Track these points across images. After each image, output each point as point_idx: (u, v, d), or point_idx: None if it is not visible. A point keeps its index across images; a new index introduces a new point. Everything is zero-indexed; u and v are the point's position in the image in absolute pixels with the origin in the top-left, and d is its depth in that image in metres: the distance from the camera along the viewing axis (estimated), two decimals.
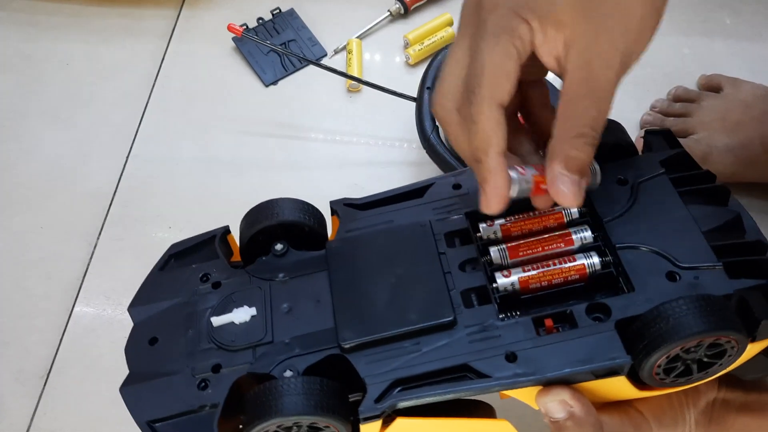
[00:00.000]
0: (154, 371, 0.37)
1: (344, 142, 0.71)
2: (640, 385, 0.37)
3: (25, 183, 0.70)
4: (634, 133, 0.72)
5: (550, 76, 0.41)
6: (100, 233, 0.66)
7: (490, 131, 0.35)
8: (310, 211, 0.42)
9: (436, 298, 0.37)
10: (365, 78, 0.71)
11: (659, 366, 0.34)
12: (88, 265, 0.64)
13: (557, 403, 0.35)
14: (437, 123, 0.40)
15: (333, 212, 0.43)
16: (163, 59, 0.78)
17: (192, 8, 0.82)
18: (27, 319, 0.62)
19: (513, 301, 0.38)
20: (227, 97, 0.75)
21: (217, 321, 0.38)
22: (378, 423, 0.35)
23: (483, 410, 0.39)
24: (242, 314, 0.38)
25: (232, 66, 0.77)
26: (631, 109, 0.74)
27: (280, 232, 0.41)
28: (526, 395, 0.36)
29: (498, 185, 0.35)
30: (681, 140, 0.67)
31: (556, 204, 0.37)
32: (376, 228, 0.41)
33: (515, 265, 0.38)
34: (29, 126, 0.74)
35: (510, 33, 0.34)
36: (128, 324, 0.60)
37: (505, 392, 0.37)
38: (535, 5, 0.34)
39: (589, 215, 0.40)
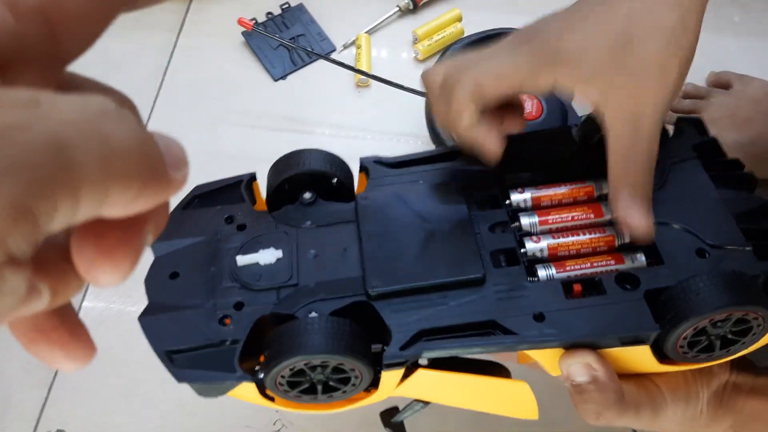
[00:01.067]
0: (175, 304, 0.37)
1: (353, 137, 0.71)
2: (661, 359, 0.37)
3: None
4: None
5: None
6: None
7: (462, 111, 0.38)
8: (338, 163, 0.42)
9: (466, 255, 0.37)
10: (373, 73, 0.71)
11: (685, 338, 0.35)
12: None
13: (581, 366, 0.36)
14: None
15: (362, 169, 0.43)
16: (172, 53, 0.78)
17: (201, 2, 0.82)
18: None
19: (541, 265, 0.38)
20: (236, 91, 0.75)
21: (242, 260, 0.38)
22: (400, 372, 0.35)
23: (501, 372, 0.39)
24: (268, 255, 0.38)
25: (241, 60, 0.77)
26: None
27: (307, 181, 0.41)
28: (548, 359, 0.37)
29: (485, 137, 0.39)
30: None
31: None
32: (406, 185, 0.41)
33: (544, 233, 0.39)
34: None
35: (541, 63, 0.37)
36: (137, 316, 0.61)
37: (525, 354, 0.37)
38: (568, 50, 0.36)
39: None
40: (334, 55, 0.77)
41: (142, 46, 0.79)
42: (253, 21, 0.75)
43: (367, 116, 0.73)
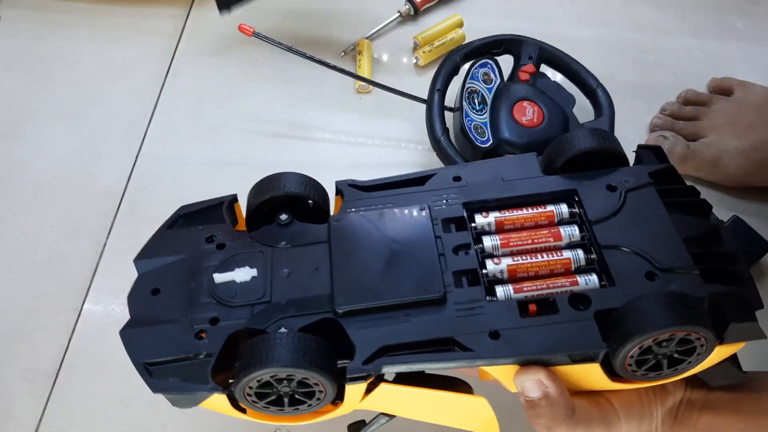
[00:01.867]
0: (154, 319, 0.39)
1: (353, 143, 0.71)
2: (612, 377, 0.39)
3: (34, 181, 0.70)
4: (645, 135, 0.72)
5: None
6: (109, 232, 0.66)
7: None
8: (315, 186, 0.45)
9: (429, 275, 0.39)
10: (374, 79, 0.71)
11: (632, 356, 0.37)
12: (98, 264, 0.64)
13: (533, 382, 0.37)
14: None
15: (337, 192, 0.45)
16: (172, 58, 0.78)
17: (201, 7, 0.82)
18: (36, 317, 0.62)
19: (500, 286, 0.40)
20: (236, 97, 0.75)
21: (219, 278, 0.40)
22: (363, 385, 0.37)
23: (462, 388, 0.41)
24: (243, 274, 0.40)
25: (241, 66, 0.77)
26: (642, 111, 0.74)
27: (285, 203, 0.44)
28: (505, 375, 0.39)
29: None
30: (691, 143, 0.67)
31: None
32: (377, 208, 0.43)
33: (506, 255, 0.41)
34: (38, 124, 0.74)
35: None
36: None
37: (485, 370, 0.39)
38: None
39: (578, 216, 0.43)
40: (334, 61, 0.76)
41: (142, 52, 0.79)
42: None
43: (367, 122, 0.73)
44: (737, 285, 0.39)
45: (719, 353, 0.39)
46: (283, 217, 0.43)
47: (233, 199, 0.45)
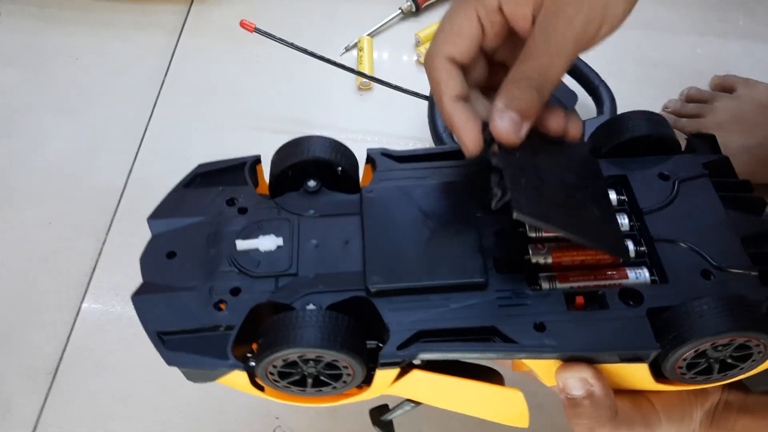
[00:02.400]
0: (169, 285, 0.36)
1: (355, 140, 0.71)
2: (657, 378, 0.37)
3: (34, 177, 0.70)
4: None
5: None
6: (109, 229, 0.66)
7: (440, 80, 0.37)
8: (345, 152, 0.41)
9: (470, 258, 0.37)
10: (375, 76, 0.71)
11: (684, 360, 0.34)
12: (97, 260, 0.64)
13: (578, 380, 0.35)
14: None
15: (368, 160, 0.42)
16: (173, 54, 0.78)
17: (202, 3, 0.82)
18: (35, 314, 0.62)
19: (544, 274, 0.38)
20: (238, 93, 0.75)
21: (241, 245, 0.37)
22: (395, 371, 0.35)
23: (495, 378, 0.38)
24: (268, 242, 0.37)
25: (242, 62, 0.77)
26: (644, 108, 0.73)
27: (312, 169, 0.40)
28: (545, 369, 0.36)
29: (461, 124, 0.37)
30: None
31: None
32: (413, 181, 0.40)
33: (550, 241, 0.38)
34: (39, 120, 0.73)
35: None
36: (137, 321, 0.60)
37: (522, 362, 0.37)
38: None
39: (627, 204, 0.40)
40: (335, 58, 0.76)
41: (143, 48, 0.79)
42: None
43: (369, 119, 0.73)
44: None
45: None
46: (311, 183, 0.40)
47: (257, 159, 0.42)
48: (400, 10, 0.79)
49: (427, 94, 0.66)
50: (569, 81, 0.69)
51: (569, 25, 0.36)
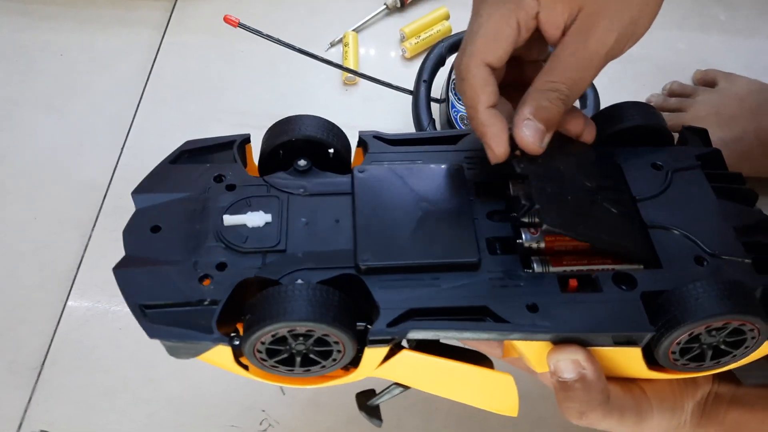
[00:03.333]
0: (153, 258, 0.35)
1: None
2: (650, 365, 0.37)
3: (18, 173, 0.69)
4: None
5: None
6: (94, 225, 0.66)
7: (477, 87, 0.37)
8: (337, 132, 0.41)
9: (462, 238, 0.37)
10: (361, 71, 0.71)
11: (678, 344, 0.34)
12: (83, 256, 0.64)
13: (570, 363, 0.35)
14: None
15: (360, 143, 0.42)
16: (158, 50, 0.78)
17: None
18: (20, 310, 0.62)
19: (537, 257, 0.38)
20: (222, 89, 0.75)
21: (229, 220, 0.37)
22: (384, 350, 0.34)
23: (485, 363, 0.38)
24: (256, 218, 0.37)
25: (227, 58, 0.77)
26: None
27: (303, 148, 0.40)
28: (536, 353, 0.36)
29: (493, 134, 0.37)
30: (676, 134, 0.68)
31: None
32: (406, 163, 0.40)
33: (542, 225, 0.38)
34: (23, 116, 0.73)
35: (516, 3, 0.37)
36: (123, 316, 0.61)
37: (510, 347, 0.37)
38: None
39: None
40: (320, 53, 0.76)
41: (127, 43, 0.78)
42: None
43: (354, 114, 0.73)
44: None
45: (763, 349, 0.36)
46: (302, 162, 0.40)
47: (246, 138, 0.41)
48: (384, 6, 0.79)
49: (411, 89, 0.67)
50: None
51: (602, 41, 0.37)
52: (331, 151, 0.41)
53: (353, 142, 0.43)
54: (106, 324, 0.61)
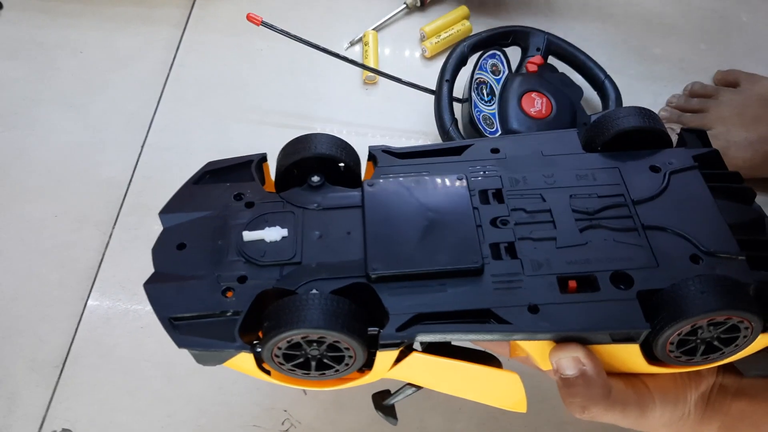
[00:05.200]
0: (179, 274, 0.38)
1: (361, 134, 0.71)
2: (650, 360, 0.38)
3: (38, 171, 0.69)
4: None
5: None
6: (115, 222, 0.66)
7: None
8: (347, 149, 0.44)
9: (466, 245, 0.39)
10: (381, 70, 0.71)
11: (672, 343, 0.36)
12: (103, 254, 0.64)
13: (570, 360, 0.37)
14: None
15: (370, 157, 0.44)
16: (178, 48, 0.77)
17: None
18: (41, 307, 0.62)
19: None
20: (243, 87, 0.75)
21: (248, 236, 0.39)
22: (394, 353, 0.37)
23: (493, 363, 0.40)
24: (274, 233, 0.39)
25: (247, 56, 0.77)
26: (648, 104, 0.73)
27: (316, 165, 0.42)
28: (540, 352, 0.38)
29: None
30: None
31: None
32: (412, 175, 0.42)
33: None
34: (43, 113, 0.73)
35: None
36: (143, 315, 0.61)
37: (516, 347, 0.39)
38: None
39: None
40: (340, 52, 0.76)
41: (147, 41, 0.78)
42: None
43: (374, 113, 0.73)
44: None
45: (759, 343, 0.38)
46: (315, 178, 0.42)
47: (263, 158, 0.44)
48: (405, 5, 0.79)
49: (433, 88, 0.66)
50: (575, 76, 0.69)
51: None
52: (342, 165, 0.43)
53: (371, 142, 0.45)
54: (127, 322, 0.60)
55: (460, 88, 0.67)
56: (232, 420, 0.56)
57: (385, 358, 0.37)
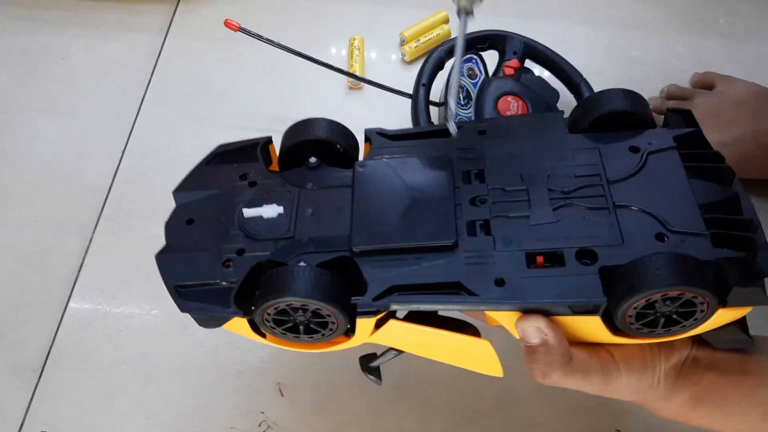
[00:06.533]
0: (187, 246, 0.42)
1: None
2: (614, 331, 0.40)
3: (20, 176, 0.70)
4: None
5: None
6: (95, 227, 0.66)
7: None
8: (343, 132, 0.47)
9: (443, 223, 0.41)
10: (365, 76, 0.72)
11: (633, 310, 0.37)
12: (84, 258, 0.64)
13: (533, 329, 0.39)
14: None
15: (366, 139, 0.48)
16: (159, 54, 0.78)
17: (188, 3, 0.82)
18: (22, 312, 0.62)
19: None
20: (224, 92, 0.75)
21: (247, 212, 0.43)
22: (372, 320, 0.40)
23: (469, 331, 0.43)
24: (271, 210, 0.43)
25: (228, 61, 0.78)
26: None
27: (315, 147, 0.46)
28: (509, 322, 0.41)
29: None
30: None
31: None
32: (402, 156, 0.46)
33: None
34: (25, 119, 0.74)
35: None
36: (123, 318, 0.61)
37: (491, 316, 0.41)
38: None
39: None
40: (324, 57, 0.77)
41: (129, 47, 0.79)
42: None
43: (358, 117, 0.73)
44: (749, 251, 0.39)
45: (723, 317, 0.39)
46: (312, 160, 0.46)
47: (268, 140, 0.48)
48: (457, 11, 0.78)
49: (410, 92, 0.67)
50: (552, 79, 0.69)
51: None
52: (340, 148, 0.46)
53: (361, 141, 0.48)
54: (107, 326, 0.61)
55: (437, 92, 0.67)
56: (210, 422, 0.57)
57: (365, 324, 0.40)
